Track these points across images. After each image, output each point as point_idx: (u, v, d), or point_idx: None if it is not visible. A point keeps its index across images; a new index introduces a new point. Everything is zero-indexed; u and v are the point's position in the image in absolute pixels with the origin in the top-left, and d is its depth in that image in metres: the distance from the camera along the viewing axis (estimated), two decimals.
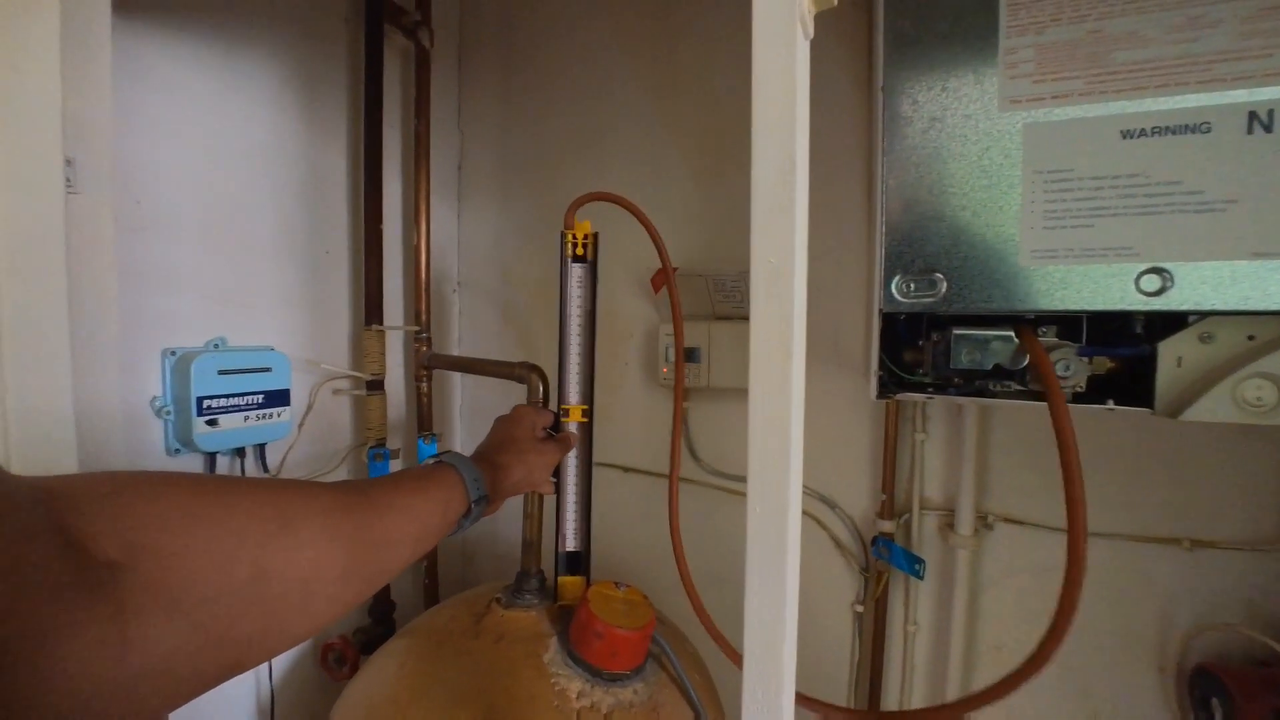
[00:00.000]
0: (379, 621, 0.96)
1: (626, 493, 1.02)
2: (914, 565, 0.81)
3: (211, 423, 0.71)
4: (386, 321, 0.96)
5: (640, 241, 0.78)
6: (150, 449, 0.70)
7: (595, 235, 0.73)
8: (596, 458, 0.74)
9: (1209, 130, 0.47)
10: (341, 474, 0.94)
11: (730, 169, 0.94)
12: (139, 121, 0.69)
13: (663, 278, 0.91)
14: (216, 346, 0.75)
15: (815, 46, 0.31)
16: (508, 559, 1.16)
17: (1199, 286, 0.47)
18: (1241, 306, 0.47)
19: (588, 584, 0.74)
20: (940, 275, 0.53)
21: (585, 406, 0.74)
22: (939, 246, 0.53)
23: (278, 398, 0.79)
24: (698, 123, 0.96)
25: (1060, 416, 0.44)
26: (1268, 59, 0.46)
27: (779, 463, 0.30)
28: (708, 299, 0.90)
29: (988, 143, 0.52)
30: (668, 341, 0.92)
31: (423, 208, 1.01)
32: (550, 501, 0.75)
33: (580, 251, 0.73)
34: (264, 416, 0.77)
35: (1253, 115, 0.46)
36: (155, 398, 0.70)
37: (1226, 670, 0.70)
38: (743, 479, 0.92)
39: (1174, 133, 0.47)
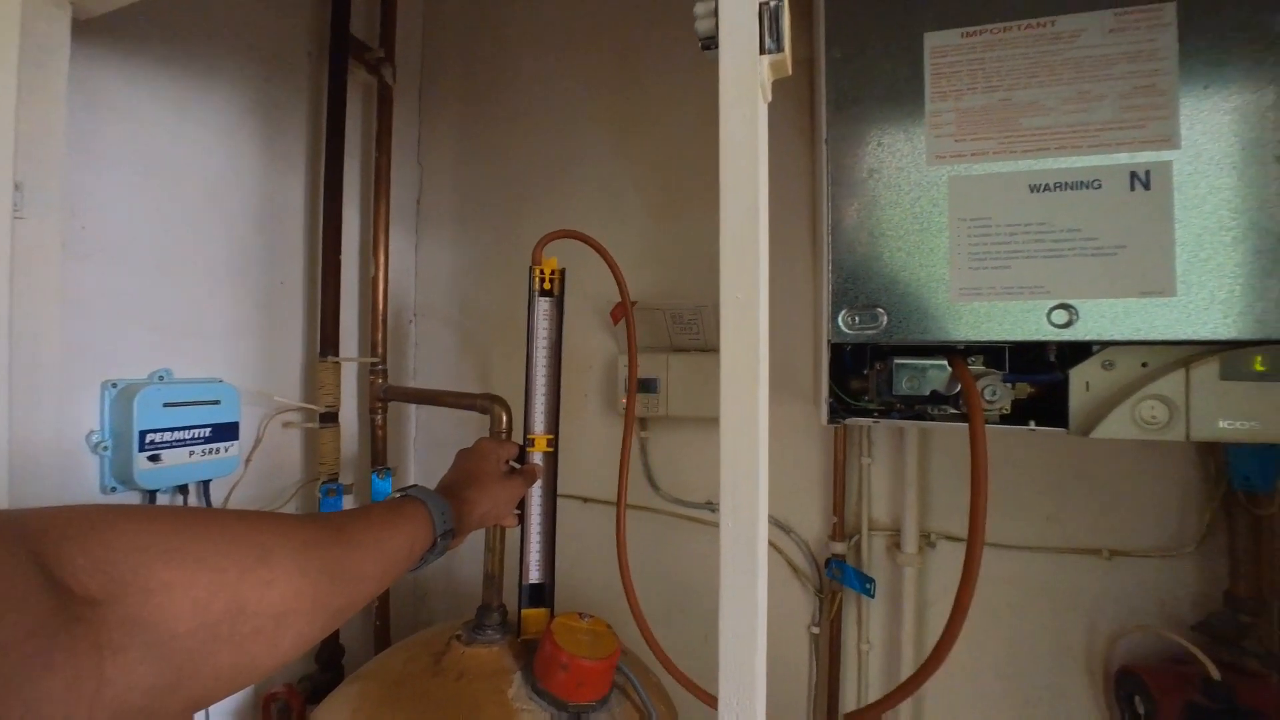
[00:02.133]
0: (326, 667, 0.91)
1: (587, 523, 1.02)
2: (865, 585, 0.85)
3: (154, 458, 0.68)
4: (342, 353, 0.95)
5: (600, 275, 0.81)
6: (83, 486, 0.66)
7: (562, 271, 0.75)
8: (558, 487, 0.75)
9: (1100, 186, 0.54)
10: (290, 510, 0.90)
11: (687, 207, 0.99)
12: (91, 147, 0.67)
13: (621, 310, 0.94)
14: (161, 378, 0.72)
15: None
16: (464, 596, 1.13)
17: (1100, 320, 0.54)
18: (1134, 337, 0.53)
19: (551, 616, 0.74)
20: (881, 309, 0.58)
21: (550, 436, 0.75)
22: (880, 284, 0.59)
23: (226, 431, 0.76)
24: (657, 162, 1.01)
25: (976, 435, 0.49)
26: (1142, 129, 0.54)
27: (749, 485, 0.33)
28: (665, 331, 0.94)
29: (918, 193, 0.58)
30: (626, 373, 0.94)
31: (381, 239, 1.01)
32: (512, 534, 0.75)
33: (548, 286, 0.75)
34: (211, 451, 0.74)
35: (1133, 175, 0.54)
36: (92, 432, 0.66)
37: (1146, 669, 0.76)
38: (700, 506, 0.95)
39: (1072, 188, 0.55)
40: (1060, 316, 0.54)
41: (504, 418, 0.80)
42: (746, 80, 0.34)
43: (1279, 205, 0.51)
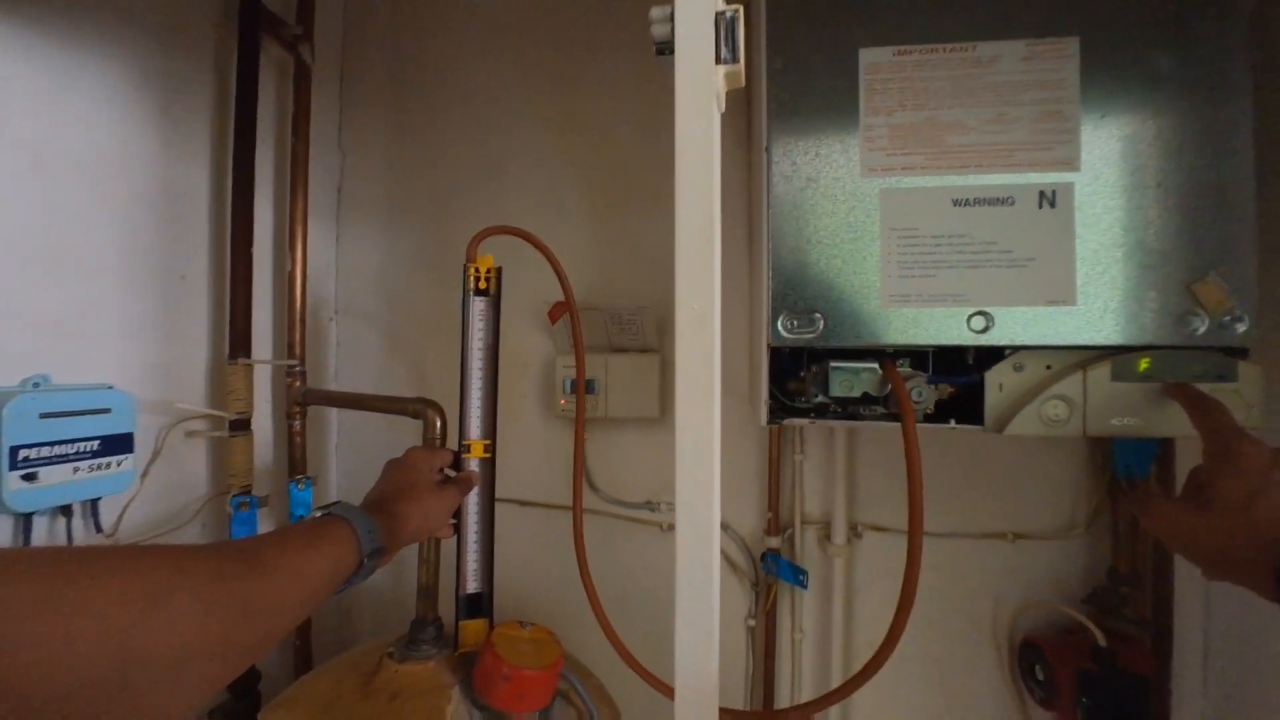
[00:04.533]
0: (240, 696, 0.84)
1: (526, 527, 1.00)
2: (798, 576, 0.88)
3: (29, 477, 0.60)
4: (255, 354, 0.87)
5: (538, 274, 0.79)
6: None
7: (499, 270, 0.73)
8: (495, 493, 0.73)
9: (1013, 203, 0.59)
10: (195, 529, 0.82)
11: (628, 207, 0.98)
12: None
13: (561, 310, 0.93)
14: (37, 385, 0.63)
15: None
16: (394, 610, 1.08)
17: (1012, 326, 0.59)
18: (1040, 342, 0.58)
19: (491, 626, 0.72)
20: (818, 314, 0.60)
21: (487, 442, 0.73)
22: (817, 290, 0.61)
23: (118, 444, 0.68)
24: (598, 161, 1.00)
25: (909, 434, 0.52)
26: (1049, 151, 0.59)
27: (704, 487, 0.33)
28: (605, 332, 0.93)
29: (853, 202, 0.61)
30: (565, 373, 0.93)
31: (299, 231, 0.94)
32: (448, 543, 0.72)
33: (483, 285, 0.73)
34: (99, 466, 0.66)
35: (1041, 194, 0.58)
36: None
37: (1044, 640, 0.84)
38: (640, 506, 0.95)
39: (989, 204, 0.59)
40: (978, 323, 0.58)
41: (437, 423, 0.77)
42: (702, 90, 0.33)
43: (1159, 226, 0.57)
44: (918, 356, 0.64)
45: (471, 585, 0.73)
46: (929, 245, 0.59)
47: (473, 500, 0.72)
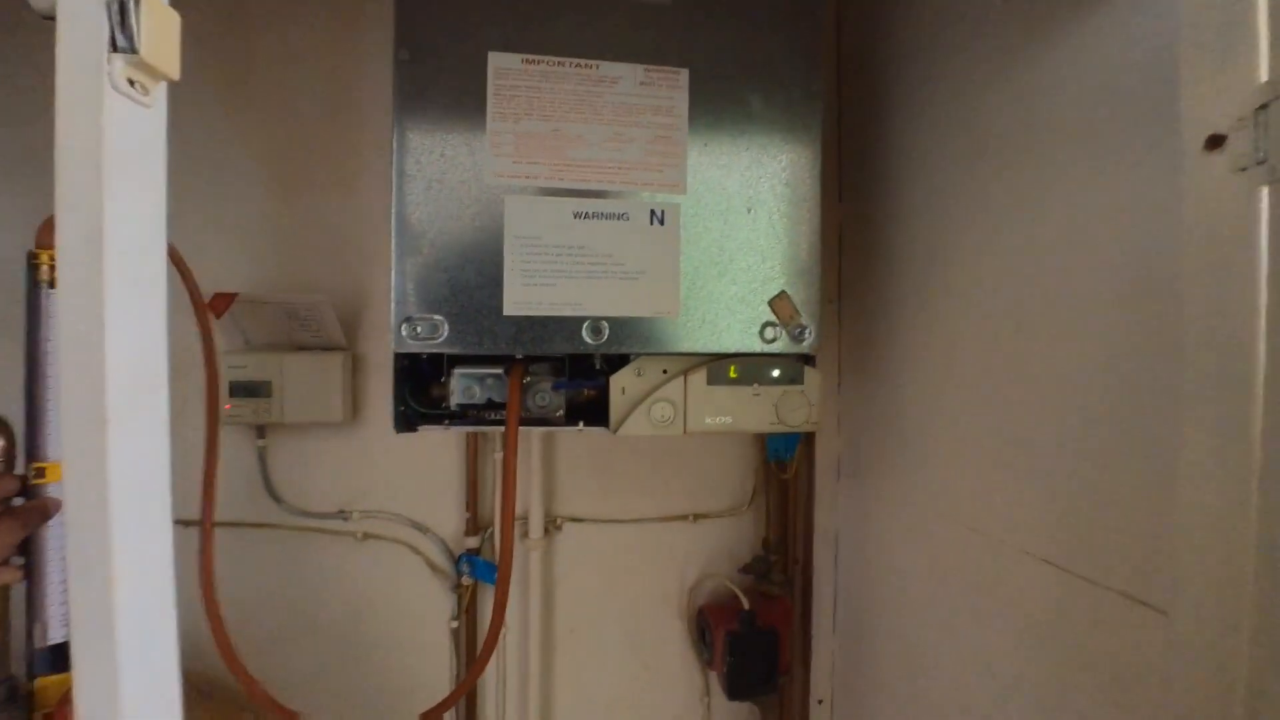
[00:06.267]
0: None
1: (176, 552, 0.87)
2: (493, 574, 0.88)
3: None
4: None
5: (201, 259, 0.68)
6: None
7: None
8: None
9: (628, 219, 0.63)
10: None
11: (312, 188, 0.89)
12: None
13: (224, 302, 0.82)
14: None
15: None
16: None
17: (627, 335, 0.63)
18: (650, 350, 0.64)
19: None
20: (442, 319, 0.59)
21: None
22: (440, 295, 0.59)
23: None
24: (277, 136, 0.89)
25: (509, 441, 0.54)
26: (660, 173, 0.64)
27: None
28: (283, 328, 0.84)
29: (479, 207, 0.60)
30: (233, 375, 0.82)
31: None
32: (17, 587, 0.60)
33: None
34: None
35: (652, 212, 0.63)
36: None
37: (710, 608, 0.94)
38: (332, 516, 0.89)
39: (607, 218, 0.62)
40: (593, 332, 0.62)
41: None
42: (91, 80, 0.29)
43: (747, 247, 0.65)
44: (558, 361, 0.66)
45: (56, 634, 0.61)
46: (551, 254, 0.61)
47: (54, 534, 0.60)
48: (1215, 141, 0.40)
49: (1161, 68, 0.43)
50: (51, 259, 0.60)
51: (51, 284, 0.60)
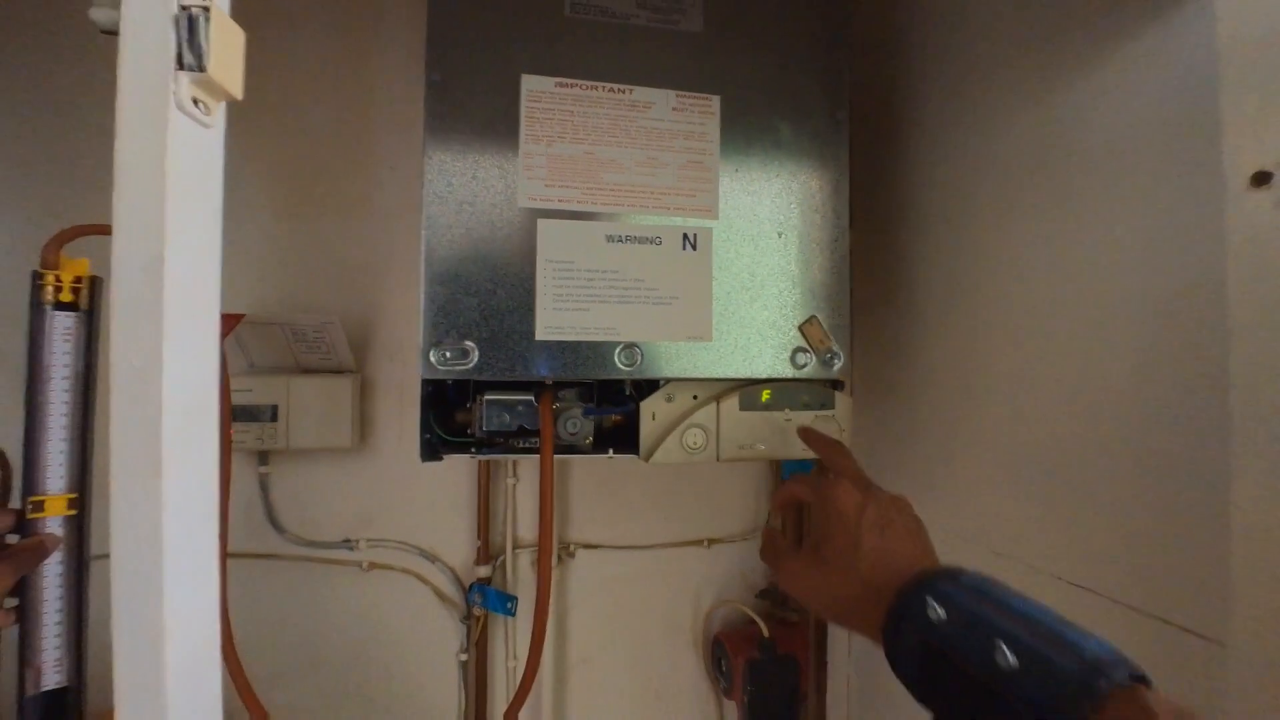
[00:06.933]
0: None
1: None
2: (506, 604, 0.86)
3: None
4: None
5: None
6: None
7: (94, 279, 0.58)
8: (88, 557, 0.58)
9: (661, 244, 0.62)
10: None
11: (324, 207, 0.87)
12: None
13: (228, 324, 0.79)
14: None
15: None
16: None
17: (659, 360, 0.62)
18: (684, 375, 0.63)
19: None
20: (472, 345, 0.57)
21: (73, 495, 0.57)
22: (471, 319, 0.58)
23: None
24: (286, 155, 0.87)
25: (544, 469, 0.52)
26: (693, 198, 0.63)
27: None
28: (289, 350, 0.81)
29: (510, 230, 0.59)
30: (236, 399, 0.79)
31: None
32: (10, 630, 0.56)
33: (68, 298, 0.57)
34: None
35: (685, 236, 0.63)
36: None
37: (727, 635, 0.93)
38: (337, 545, 0.85)
39: (640, 242, 0.62)
40: (626, 357, 0.61)
41: None
42: (155, 98, 0.27)
43: (778, 272, 0.65)
44: (586, 386, 0.65)
45: (51, 679, 0.57)
46: (583, 279, 0.60)
47: (53, 569, 0.56)
48: (1262, 178, 0.41)
49: (1200, 102, 0.44)
50: (57, 279, 0.57)
51: (57, 305, 0.57)
